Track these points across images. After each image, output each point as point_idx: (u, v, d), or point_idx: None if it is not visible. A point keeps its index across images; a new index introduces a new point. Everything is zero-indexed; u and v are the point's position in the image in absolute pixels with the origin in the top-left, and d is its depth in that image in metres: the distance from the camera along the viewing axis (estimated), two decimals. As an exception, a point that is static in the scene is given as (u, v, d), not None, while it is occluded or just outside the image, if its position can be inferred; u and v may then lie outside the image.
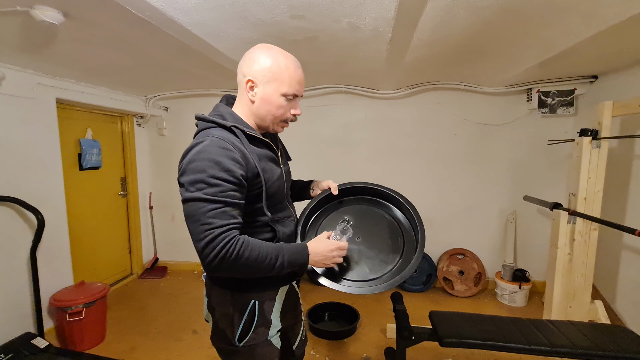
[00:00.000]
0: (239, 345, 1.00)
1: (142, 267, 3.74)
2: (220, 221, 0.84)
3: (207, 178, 0.84)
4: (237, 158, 0.89)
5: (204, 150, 0.86)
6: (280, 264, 0.91)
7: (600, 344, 1.46)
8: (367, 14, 1.54)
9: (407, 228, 1.24)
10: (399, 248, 1.21)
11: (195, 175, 0.84)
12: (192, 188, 0.84)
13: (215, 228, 0.83)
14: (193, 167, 0.85)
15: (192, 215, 0.84)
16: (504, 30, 1.73)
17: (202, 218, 0.83)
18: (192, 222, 0.84)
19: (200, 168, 0.84)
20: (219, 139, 0.89)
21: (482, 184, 3.22)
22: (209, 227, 0.83)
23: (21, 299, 2.28)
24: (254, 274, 0.90)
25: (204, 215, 0.83)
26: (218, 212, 0.84)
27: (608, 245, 2.45)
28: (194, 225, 0.84)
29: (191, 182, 0.85)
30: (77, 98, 2.70)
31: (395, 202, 1.27)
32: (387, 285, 1.09)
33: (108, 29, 1.65)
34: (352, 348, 2.33)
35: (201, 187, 0.84)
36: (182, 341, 2.43)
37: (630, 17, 1.49)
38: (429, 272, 3.23)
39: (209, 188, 0.84)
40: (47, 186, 2.48)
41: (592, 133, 2.05)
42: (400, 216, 1.27)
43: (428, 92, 3.18)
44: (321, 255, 0.99)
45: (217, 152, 0.86)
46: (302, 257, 0.96)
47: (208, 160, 0.85)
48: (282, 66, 0.95)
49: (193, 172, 0.85)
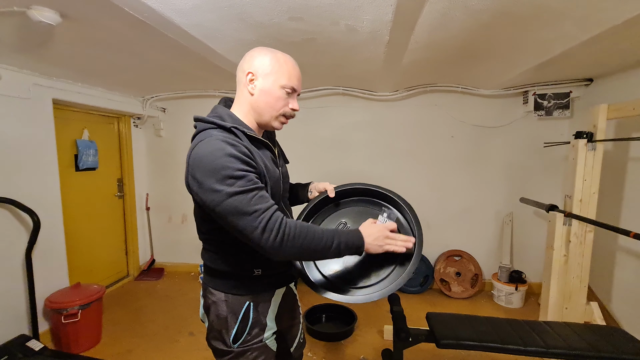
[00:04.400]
0: (234, 347, 0.99)
1: (139, 269, 3.72)
2: (265, 204, 0.86)
3: (233, 172, 0.84)
4: (246, 152, 0.90)
5: (215, 149, 0.85)
6: (337, 245, 0.92)
7: (595, 345, 1.46)
8: (364, 17, 1.55)
9: (404, 231, 1.22)
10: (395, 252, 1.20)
11: (220, 173, 0.83)
12: (222, 186, 0.83)
13: (263, 212, 0.84)
14: (214, 167, 0.84)
15: (236, 211, 0.83)
16: (500, 33, 1.74)
17: (247, 209, 0.83)
18: (239, 217, 0.83)
19: (221, 165, 0.84)
20: (223, 137, 0.90)
21: (479, 185, 3.23)
22: (258, 214, 0.84)
23: (16, 301, 2.26)
24: (315, 255, 0.92)
25: (248, 205, 0.83)
26: (257, 198, 0.85)
27: (603, 247, 2.47)
28: (241, 219, 0.83)
29: (218, 181, 0.83)
30: (74, 99, 2.69)
31: (394, 204, 1.26)
32: (382, 294, 1.06)
33: (105, 29, 1.65)
34: (349, 350, 2.33)
35: (232, 183, 0.83)
36: (179, 343, 2.42)
37: (625, 21, 1.51)
38: (426, 273, 3.24)
39: (239, 180, 0.84)
40: (43, 187, 2.46)
41: (588, 136, 2.06)
42: (398, 218, 1.25)
43: (425, 94, 3.19)
44: (374, 236, 0.98)
45: (228, 148, 0.86)
46: (359, 239, 0.96)
47: (225, 157, 0.84)
48: (281, 61, 0.98)
49: (215, 171, 0.83)
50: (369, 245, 0.97)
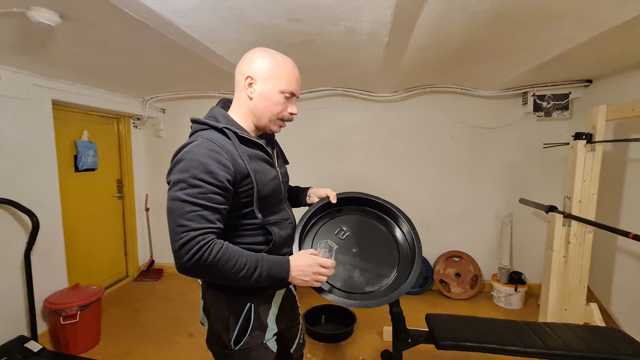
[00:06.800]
0: (235, 349, 0.99)
1: (138, 270, 3.71)
2: (197, 224, 0.84)
3: (189, 178, 0.85)
4: (224, 161, 0.88)
5: (190, 151, 0.87)
6: (258, 275, 0.89)
7: (595, 346, 1.47)
8: (364, 18, 1.55)
9: (402, 243, 1.25)
10: (394, 262, 1.22)
11: (179, 175, 0.86)
12: (175, 187, 0.85)
13: (190, 231, 0.83)
14: (179, 167, 0.87)
15: (171, 215, 0.85)
16: (499, 34, 1.74)
17: (179, 219, 0.84)
18: (170, 221, 0.86)
19: (184, 168, 0.86)
20: (208, 140, 0.90)
21: (478, 186, 3.23)
22: (184, 229, 0.83)
23: (15, 302, 2.25)
24: (230, 282, 0.89)
25: (182, 216, 0.84)
26: (195, 215, 0.84)
27: (603, 248, 2.47)
28: (171, 224, 0.85)
29: (175, 181, 0.86)
30: (74, 99, 2.69)
31: (393, 216, 1.29)
32: (385, 300, 1.10)
33: (105, 30, 1.65)
34: (348, 351, 2.33)
35: (183, 187, 0.85)
36: (178, 344, 2.42)
37: (624, 23, 1.51)
38: (426, 274, 3.24)
39: (189, 189, 0.84)
40: (42, 188, 2.46)
41: (587, 137, 2.07)
42: (397, 230, 1.28)
43: (425, 95, 3.20)
44: (299, 270, 0.94)
45: (203, 153, 0.87)
46: (283, 271, 0.93)
47: (193, 161, 0.86)
48: (280, 65, 0.97)
49: (178, 171, 0.86)
50: (293, 278, 0.95)
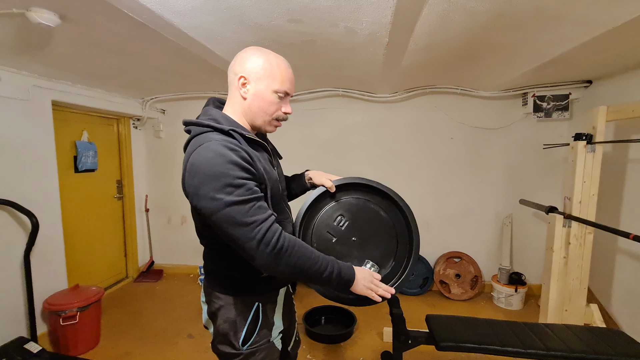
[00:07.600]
0: (243, 349, 0.99)
1: (138, 271, 3.71)
2: (263, 215, 0.84)
3: (233, 180, 0.82)
4: (246, 157, 0.88)
5: (217, 155, 0.83)
6: (329, 272, 0.91)
7: (595, 347, 1.46)
8: (364, 19, 1.55)
9: (401, 229, 1.22)
10: (392, 250, 1.20)
11: (219, 180, 0.81)
12: (221, 194, 0.81)
13: (261, 223, 0.83)
14: (213, 174, 0.81)
15: (232, 221, 0.81)
16: (499, 35, 1.74)
17: (244, 219, 0.81)
18: (235, 227, 0.82)
19: (220, 172, 0.81)
20: (224, 140, 0.87)
21: (478, 187, 3.23)
22: (255, 225, 0.82)
23: (14, 303, 2.25)
24: (305, 276, 0.89)
25: (245, 215, 0.82)
26: (256, 209, 0.83)
27: (603, 249, 2.47)
28: (237, 229, 0.82)
29: (217, 189, 0.81)
30: (73, 100, 2.69)
31: (392, 201, 1.25)
32: None
33: (104, 31, 1.65)
34: (348, 352, 2.32)
35: (230, 191, 0.81)
36: (178, 345, 2.41)
37: (624, 24, 1.51)
38: (426, 275, 3.23)
39: (238, 189, 0.82)
40: (42, 189, 2.46)
41: (587, 137, 2.06)
42: (394, 215, 1.24)
43: (425, 96, 3.20)
44: (364, 278, 0.99)
45: (229, 154, 0.84)
46: (351, 274, 0.96)
47: (226, 163, 0.82)
48: (274, 64, 0.96)
49: (215, 178, 0.81)
50: (357, 283, 0.98)
